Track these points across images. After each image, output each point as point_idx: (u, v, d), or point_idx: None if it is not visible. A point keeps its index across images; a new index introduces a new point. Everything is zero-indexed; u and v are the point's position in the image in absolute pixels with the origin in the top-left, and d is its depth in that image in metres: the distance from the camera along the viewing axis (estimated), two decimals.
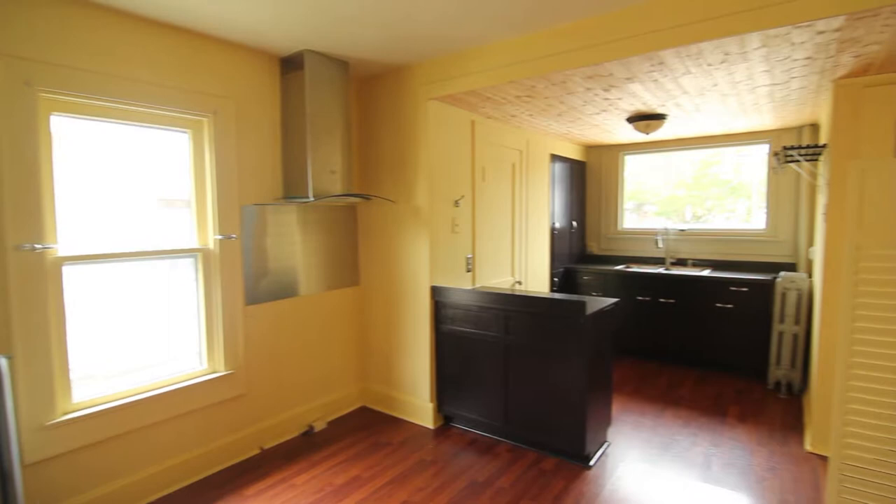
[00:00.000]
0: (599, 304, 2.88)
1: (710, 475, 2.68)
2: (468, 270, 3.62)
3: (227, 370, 2.83)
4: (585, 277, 5.01)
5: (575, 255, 5.44)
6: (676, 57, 2.40)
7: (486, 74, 2.85)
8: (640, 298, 4.64)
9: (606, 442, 3.08)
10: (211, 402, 2.75)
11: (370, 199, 3.43)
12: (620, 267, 4.99)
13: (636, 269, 4.88)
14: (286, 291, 3.15)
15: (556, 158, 4.88)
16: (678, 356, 4.53)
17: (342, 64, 3.09)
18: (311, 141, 2.91)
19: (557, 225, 5.01)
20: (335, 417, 3.49)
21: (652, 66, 2.53)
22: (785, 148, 3.39)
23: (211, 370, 2.82)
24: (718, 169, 4.95)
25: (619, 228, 5.45)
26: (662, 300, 4.51)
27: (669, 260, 4.96)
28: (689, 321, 4.39)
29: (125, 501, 2.41)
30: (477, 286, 3.67)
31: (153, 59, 2.46)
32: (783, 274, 3.89)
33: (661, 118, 3.77)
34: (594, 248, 5.61)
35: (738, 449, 2.97)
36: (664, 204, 5.26)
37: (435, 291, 3.28)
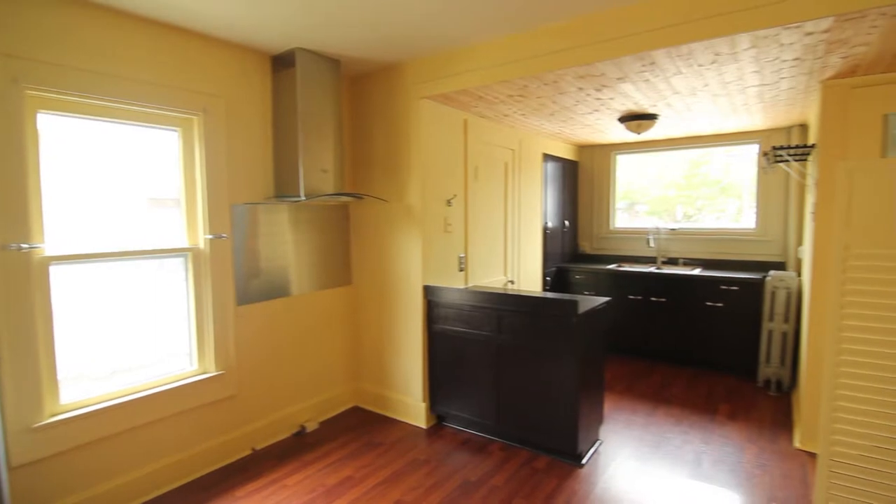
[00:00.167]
0: (591, 303, 2.89)
1: (700, 472, 2.71)
2: (461, 270, 3.62)
3: (217, 371, 2.81)
4: (577, 277, 5.03)
5: (567, 254, 5.46)
6: (667, 57, 2.41)
7: (477, 73, 2.84)
8: (631, 297, 4.66)
9: (598, 440, 3.09)
10: (201, 402, 2.73)
11: (362, 198, 3.41)
12: (612, 266, 5.02)
13: (628, 268, 4.90)
14: (278, 291, 3.13)
15: (548, 158, 4.89)
16: (669, 354, 4.56)
17: (334, 62, 3.07)
18: (302, 139, 2.89)
19: (550, 224, 5.02)
20: (327, 417, 3.48)
21: (643, 66, 2.55)
22: (774, 148, 3.43)
23: (201, 371, 2.79)
24: (709, 169, 4.99)
25: (610, 228, 5.48)
26: (654, 299, 4.54)
27: (661, 259, 5.00)
28: (680, 320, 4.42)
29: (115, 503, 2.40)
30: (469, 285, 3.68)
31: (142, 56, 2.43)
32: (773, 273, 3.93)
33: (652, 118, 3.79)
34: (586, 247, 5.63)
35: (728, 446, 2.99)
36: (655, 203, 5.29)
37: (427, 291, 3.27)
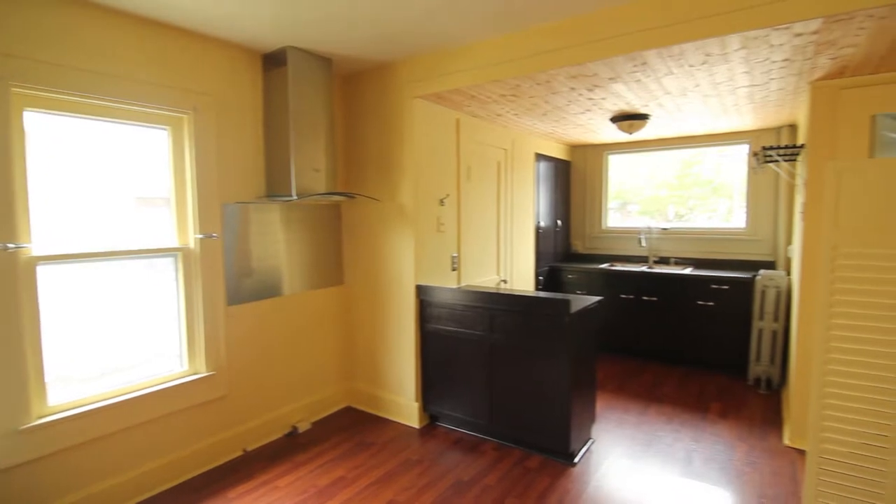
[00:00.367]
0: (584, 302, 2.90)
1: (691, 470, 2.72)
2: (453, 269, 3.62)
3: (208, 371, 2.78)
4: (570, 276, 5.05)
5: (560, 253, 5.47)
6: (659, 58, 2.42)
7: (470, 73, 2.84)
8: (623, 296, 4.68)
9: (591, 439, 3.10)
10: (192, 403, 2.71)
11: (354, 197, 3.40)
12: (604, 265, 5.04)
13: (620, 267, 4.92)
14: (269, 291, 3.11)
15: (541, 157, 4.90)
16: (661, 353, 4.59)
17: (326, 60, 3.06)
18: (294, 138, 2.87)
19: (542, 224, 5.03)
20: (320, 418, 3.46)
21: (635, 66, 2.56)
22: (764, 148, 3.45)
23: (192, 371, 2.77)
24: (700, 169, 5.02)
25: (603, 227, 5.50)
26: (645, 298, 4.57)
27: (652, 258, 5.02)
28: (671, 319, 4.45)
29: None
30: (462, 285, 3.67)
31: (130, 53, 2.41)
32: (762, 272, 3.96)
33: (644, 118, 3.81)
34: (579, 246, 5.65)
35: (719, 444, 3.01)
36: (647, 203, 5.32)
37: (420, 290, 3.26)
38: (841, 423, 1.80)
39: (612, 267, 4.95)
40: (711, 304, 4.24)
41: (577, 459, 2.84)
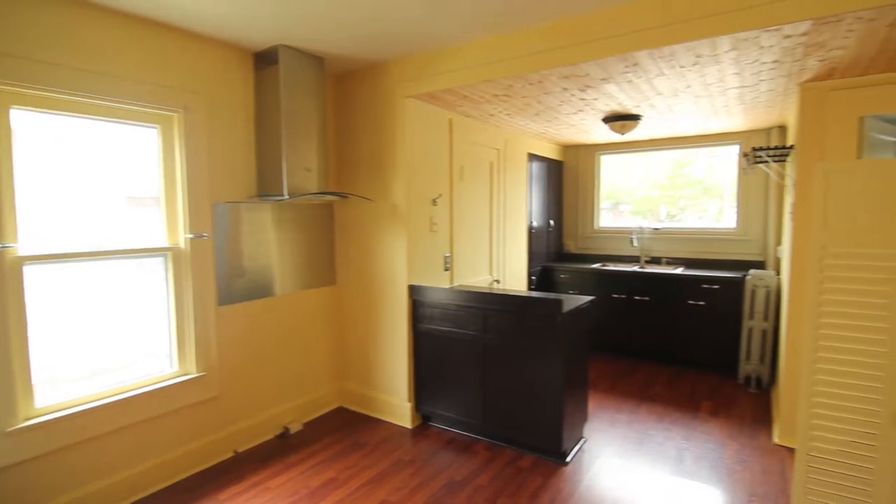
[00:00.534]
0: (576, 302, 2.91)
1: (682, 469, 2.74)
2: (446, 269, 3.61)
3: (199, 372, 2.76)
4: (562, 276, 5.06)
5: (552, 253, 5.49)
6: (650, 58, 2.43)
7: (463, 73, 2.84)
8: (615, 296, 4.70)
9: (583, 438, 3.11)
10: (182, 404, 2.68)
11: (347, 197, 3.39)
12: (597, 265, 5.06)
13: (612, 267, 4.95)
14: (261, 291, 3.09)
15: (533, 158, 4.91)
16: (653, 353, 4.62)
17: (317, 59, 3.04)
18: (285, 137, 2.86)
19: (535, 224, 5.04)
20: (311, 418, 3.45)
21: (627, 67, 2.57)
22: (754, 149, 3.48)
23: (182, 372, 2.74)
24: (691, 169, 5.06)
25: (595, 227, 5.52)
26: (637, 298, 4.59)
27: (644, 258, 5.05)
28: (663, 318, 4.48)
29: None
30: (455, 285, 3.67)
31: (120, 51, 2.38)
32: (752, 272, 3.99)
33: (635, 119, 3.83)
34: (571, 246, 5.67)
35: (709, 443, 3.04)
36: (639, 203, 5.35)
37: (413, 290, 3.26)
38: (830, 421, 1.81)
39: (604, 267, 4.97)
40: (702, 303, 4.27)
41: (569, 458, 2.85)
